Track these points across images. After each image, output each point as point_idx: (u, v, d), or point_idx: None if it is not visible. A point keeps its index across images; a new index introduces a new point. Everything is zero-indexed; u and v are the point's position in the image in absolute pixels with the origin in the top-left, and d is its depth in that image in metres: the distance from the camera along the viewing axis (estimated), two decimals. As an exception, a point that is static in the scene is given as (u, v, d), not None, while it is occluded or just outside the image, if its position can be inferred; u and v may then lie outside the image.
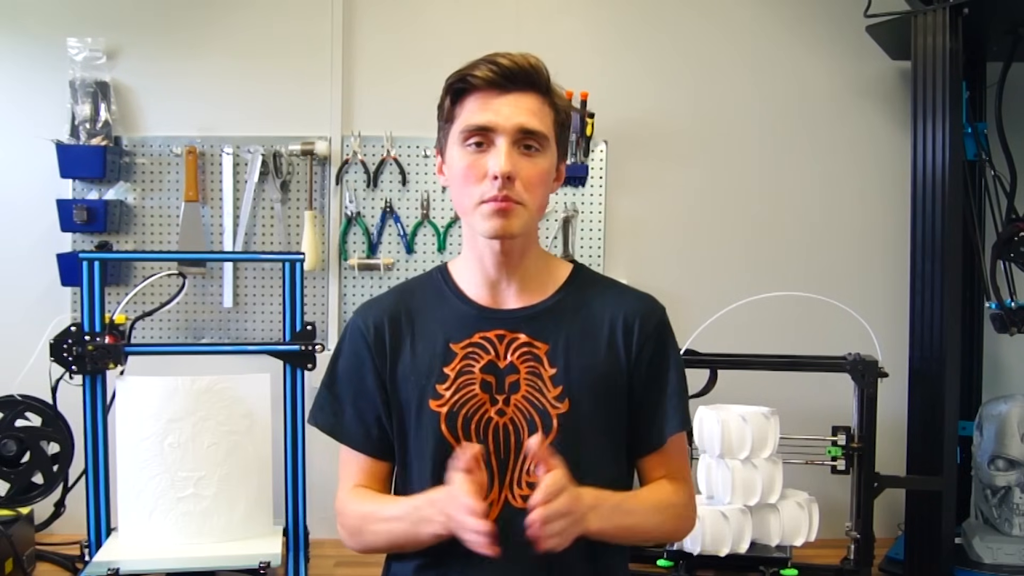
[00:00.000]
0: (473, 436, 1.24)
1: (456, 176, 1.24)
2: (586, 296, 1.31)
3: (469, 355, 1.26)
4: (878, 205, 2.55)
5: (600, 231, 2.52)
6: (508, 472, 1.24)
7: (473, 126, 1.21)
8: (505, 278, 1.29)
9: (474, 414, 1.25)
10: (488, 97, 1.21)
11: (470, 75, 1.21)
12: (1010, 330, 2.21)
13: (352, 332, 1.33)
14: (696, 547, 2.08)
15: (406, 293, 1.35)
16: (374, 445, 1.31)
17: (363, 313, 1.33)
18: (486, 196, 1.20)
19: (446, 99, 1.25)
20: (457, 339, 1.27)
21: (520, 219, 1.21)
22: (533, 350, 1.26)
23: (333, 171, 2.47)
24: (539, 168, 1.22)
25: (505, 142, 1.20)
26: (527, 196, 1.21)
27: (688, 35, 2.54)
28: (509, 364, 1.26)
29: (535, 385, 1.25)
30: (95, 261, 1.96)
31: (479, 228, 1.23)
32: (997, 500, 2.21)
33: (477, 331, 1.27)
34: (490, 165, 1.20)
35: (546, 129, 1.23)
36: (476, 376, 1.25)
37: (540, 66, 1.23)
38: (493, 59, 1.21)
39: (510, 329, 1.27)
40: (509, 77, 1.20)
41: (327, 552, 2.21)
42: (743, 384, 2.19)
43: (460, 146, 1.23)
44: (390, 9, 2.50)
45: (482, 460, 1.20)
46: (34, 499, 2.09)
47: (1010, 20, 2.20)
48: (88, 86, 2.36)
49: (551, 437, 1.23)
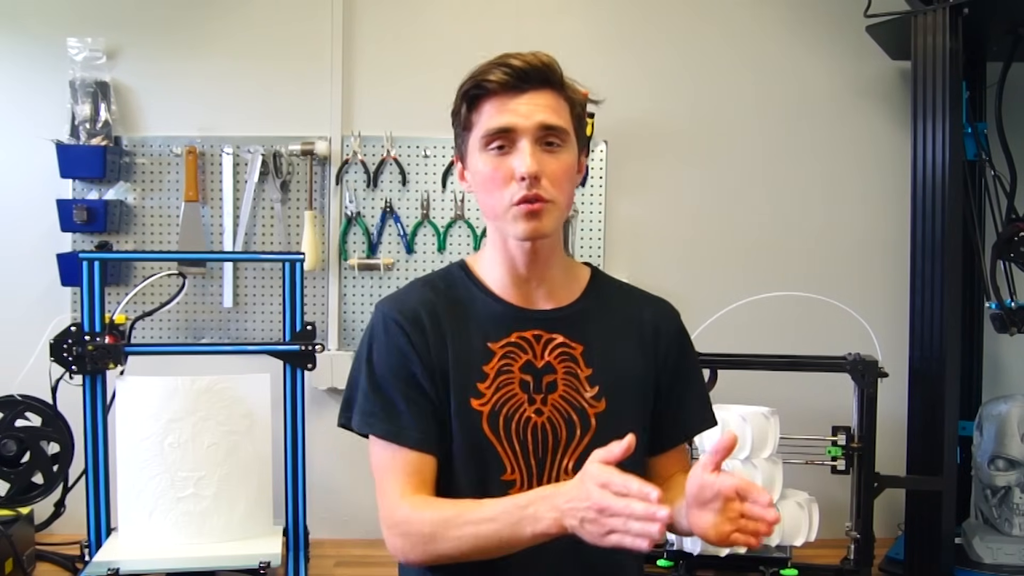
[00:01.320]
0: (514, 435, 1.24)
1: (482, 182, 1.23)
2: (610, 298, 1.34)
3: (508, 354, 1.26)
4: (878, 205, 2.55)
5: (600, 231, 2.52)
6: (547, 471, 1.24)
7: (493, 130, 1.20)
8: (536, 278, 1.28)
9: (514, 413, 1.24)
10: (504, 100, 1.20)
11: (484, 80, 1.20)
12: (1010, 330, 2.21)
13: (387, 326, 1.26)
14: (696, 547, 2.08)
15: (433, 286, 1.31)
16: (433, 440, 1.24)
17: (394, 305, 1.28)
18: (516, 198, 1.20)
19: (462, 106, 1.23)
20: (495, 338, 1.26)
21: (551, 217, 1.22)
22: (569, 351, 1.27)
23: (333, 171, 2.47)
24: (563, 163, 1.23)
25: (527, 142, 1.19)
26: (556, 193, 1.21)
27: (688, 35, 2.54)
28: (546, 364, 1.26)
29: (572, 385, 1.26)
30: (95, 261, 1.97)
31: (512, 231, 1.22)
32: (997, 500, 2.21)
33: (515, 331, 1.27)
34: (515, 166, 1.19)
35: (565, 124, 1.23)
36: (515, 375, 1.25)
37: (552, 62, 1.23)
38: (505, 61, 1.20)
39: (547, 330, 1.27)
40: (523, 77, 1.20)
41: (327, 552, 2.21)
42: (743, 384, 2.19)
43: (482, 152, 1.22)
44: (390, 9, 2.50)
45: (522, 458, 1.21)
46: (34, 499, 2.09)
47: (1010, 20, 2.20)
48: (88, 86, 2.36)
49: (589, 436, 1.24)
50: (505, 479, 1.23)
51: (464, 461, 1.24)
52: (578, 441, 1.25)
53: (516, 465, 1.23)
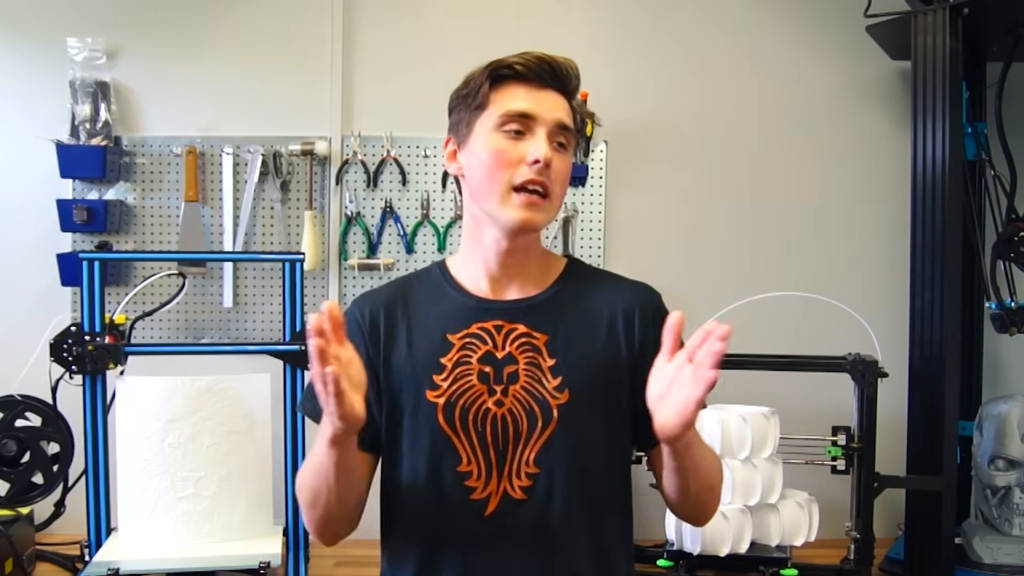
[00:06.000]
0: (471, 426, 1.23)
1: (484, 160, 1.23)
2: (584, 287, 1.32)
3: (466, 345, 1.26)
4: (878, 205, 2.55)
5: (600, 231, 2.52)
6: (507, 463, 1.23)
7: (516, 112, 1.21)
8: (507, 271, 1.29)
9: (472, 405, 1.24)
10: (530, 88, 1.23)
11: (517, 63, 1.23)
12: (1010, 330, 2.21)
13: (348, 322, 1.29)
14: (696, 547, 2.08)
15: (404, 285, 1.34)
16: (359, 435, 1.25)
17: (359, 303, 1.33)
18: (520, 180, 1.21)
19: (483, 84, 1.24)
20: (454, 330, 1.27)
21: (546, 214, 1.23)
22: (532, 340, 1.26)
23: (333, 171, 2.47)
24: (567, 164, 1.26)
25: (544, 132, 1.22)
26: (557, 190, 1.24)
27: (688, 35, 2.54)
28: (507, 355, 1.25)
29: (534, 376, 1.25)
30: (95, 261, 1.97)
31: (505, 216, 1.22)
32: (997, 500, 2.21)
33: (475, 322, 1.27)
34: (531, 151, 1.21)
35: (574, 130, 1.27)
36: (474, 367, 1.25)
37: (577, 73, 1.27)
38: (543, 56, 1.23)
39: (508, 320, 1.27)
40: (552, 74, 1.23)
41: (327, 552, 2.21)
42: (743, 384, 2.19)
43: (495, 131, 1.22)
44: (390, 9, 2.50)
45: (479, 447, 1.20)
46: (34, 499, 2.09)
47: (1010, 20, 2.20)
48: (88, 86, 2.36)
49: (551, 427, 1.23)
50: (461, 470, 1.23)
51: (419, 453, 1.25)
52: (539, 433, 1.23)
53: (473, 456, 1.22)
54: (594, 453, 1.25)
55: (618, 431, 1.29)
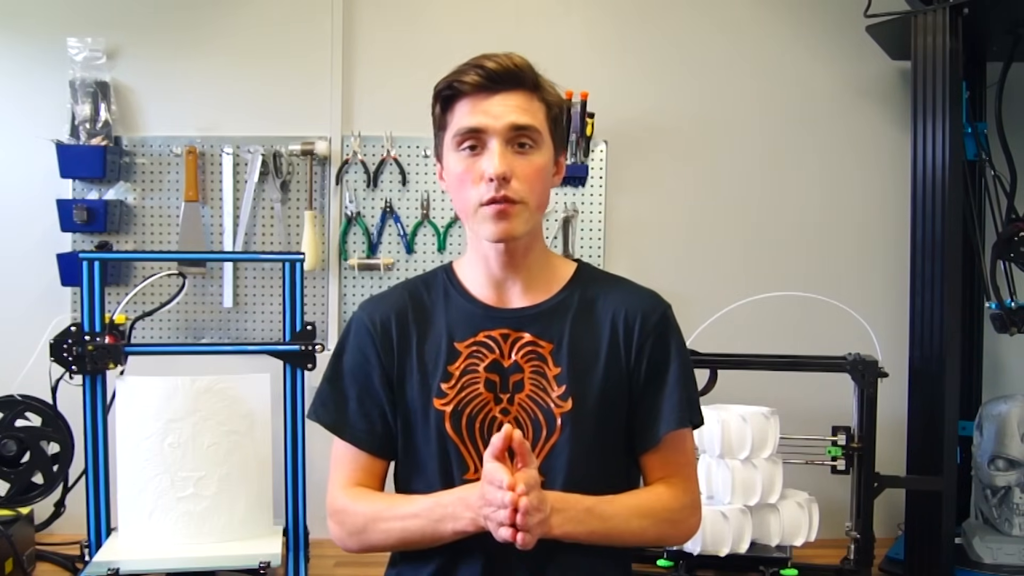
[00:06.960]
0: (477, 435, 1.24)
1: (453, 181, 1.25)
2: (590, 294, 1.31)
3: (473, 354, 1.26)
4: (878, 205, 2.55)
5: (600, 231, 2.52)
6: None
7: (464, 129, 1.22)
8: (510, 277, 1.29)
9: (478, 413, 1.25)
10: (477, 100, 1.22)
11: (457, 81, 1.22)
12: (1010, 330, 2.21)
13: (357, 328, 1.32)
14: (696, 547, 2.08)
15: (412, 291, 1.34)
16: (377, 442, 1.29)
17: (369, 309, 1.33)
18: (484, 198, 1.21)
19: (436, 107, 1.26)
20: (461, 338, 1.27)
21: (521, 219, 1.22)
22: (538, 349, 1.26)
23: (333, 171, 2.47)
24: (535, 165, 1.23)
25: (497, 143, 1.20)
26: (526, 193, 1.22)
27: (688, 35, 2.54)
28: (513, 363, 1.26)
29: (539, 384, 1.25)
30: (95, 261, 1.96)
31: (482, 232, 1.23)
32: (997, 500, 2.21)
33: (482, 330, 1.27)
34: (484, 167, 1.20)
35: (538, 124, 1.23)
36: (480, 375, 1.25)
37: (525, 64, 1.24)
38: (479, 63, 1.22)
39: (514, 328, 1.27)
40: (495, 79, 1.21)
41: (327, 552, 2.21)
42: (743, 384, 2.19)
43: (455, 151, 1.24)
44: (390, 9, 2.50)
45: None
46: (34, 499, 2.09)
47: (1010, 20, 2.20)
48: (88, 86, 2.36)
49: (556, 436, 1.24)
50: (468, 478, 1.24)
51: (428, 461, 1.26)
52: (544, 441, 1.24)
53: (480, 465, 1.21)
54: (597, 460, 1.25)
55: (620, 438, 1.29)
